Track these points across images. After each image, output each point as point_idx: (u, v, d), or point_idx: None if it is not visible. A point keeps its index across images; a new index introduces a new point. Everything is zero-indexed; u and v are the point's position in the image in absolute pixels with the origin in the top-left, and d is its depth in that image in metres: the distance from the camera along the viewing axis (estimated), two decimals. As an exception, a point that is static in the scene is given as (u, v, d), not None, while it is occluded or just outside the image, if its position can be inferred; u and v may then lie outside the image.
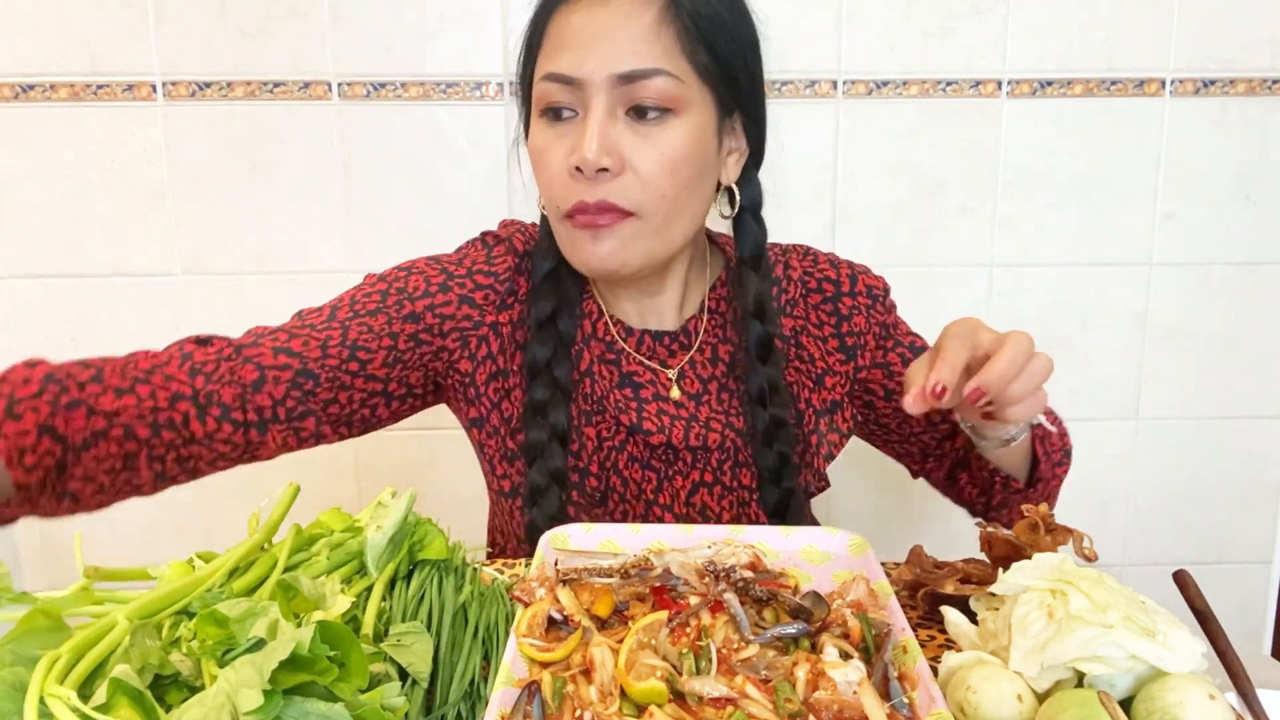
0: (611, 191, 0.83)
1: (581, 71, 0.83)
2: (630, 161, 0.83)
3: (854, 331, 1.00)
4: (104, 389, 0.72)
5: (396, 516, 0.76)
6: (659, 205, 0.85)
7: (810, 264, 1.01)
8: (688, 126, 0.85)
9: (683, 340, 0.98)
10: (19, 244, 1.53)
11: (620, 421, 0.94)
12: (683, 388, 0.97)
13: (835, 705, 0.57)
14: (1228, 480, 1.68)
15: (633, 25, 0.82)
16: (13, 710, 0.54)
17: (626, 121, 0.84)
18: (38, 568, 1.66)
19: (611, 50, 0.82)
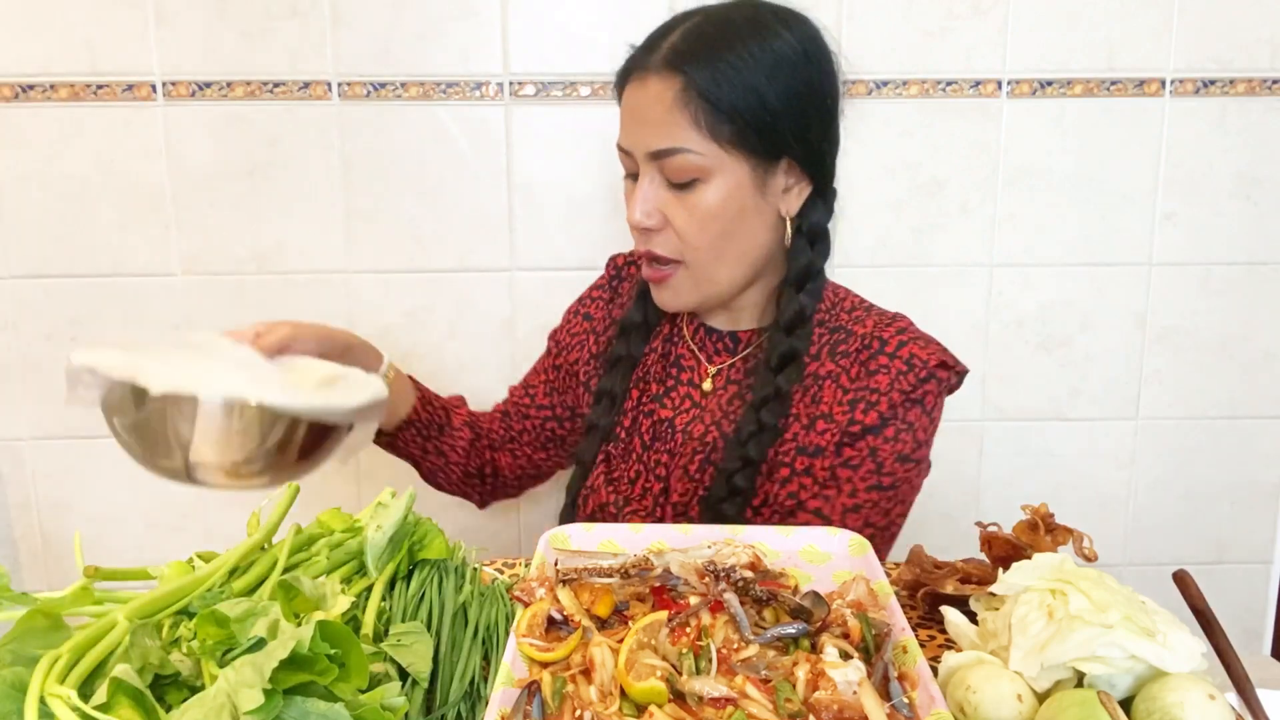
0: (655, 244, 0.98)
1: (630, 145, 0.97)
2: (670, 220, 0.96)
3: (871, 389, 0.97)
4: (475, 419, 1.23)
5: (396, 516, 0.76)
6: (697, 255, 0.97)
7: (882, 326, 1.01)
8: (717, 189, 0.95)
9: (728, 342, 1.07)
10: (19, 244, 1.53)
11: (651, 391, 1.09)
12: (714, 383, 1.07)
13: (835, 705, 0.57)
14: (1228, 480, 1.68)
15: (656, 107, 0.93)
16: (13, 710, 0.54)
17: (666, 186, 0.96)
18: (38, 568, 1.66)
19: (644, 129, 0.94)
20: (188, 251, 1.54)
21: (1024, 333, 1.62)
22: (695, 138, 0.93)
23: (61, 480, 1.62)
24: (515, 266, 1.57)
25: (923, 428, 0.99)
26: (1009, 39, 1.51)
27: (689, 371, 1.08)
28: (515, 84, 1.50)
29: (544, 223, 1.55)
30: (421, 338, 1.60)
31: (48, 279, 1.55)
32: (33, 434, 1.60)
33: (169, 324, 1.57)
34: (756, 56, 0.93)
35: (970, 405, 1.64)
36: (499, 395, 1.29)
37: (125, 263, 1.54)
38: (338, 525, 0.80)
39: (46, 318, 1.56)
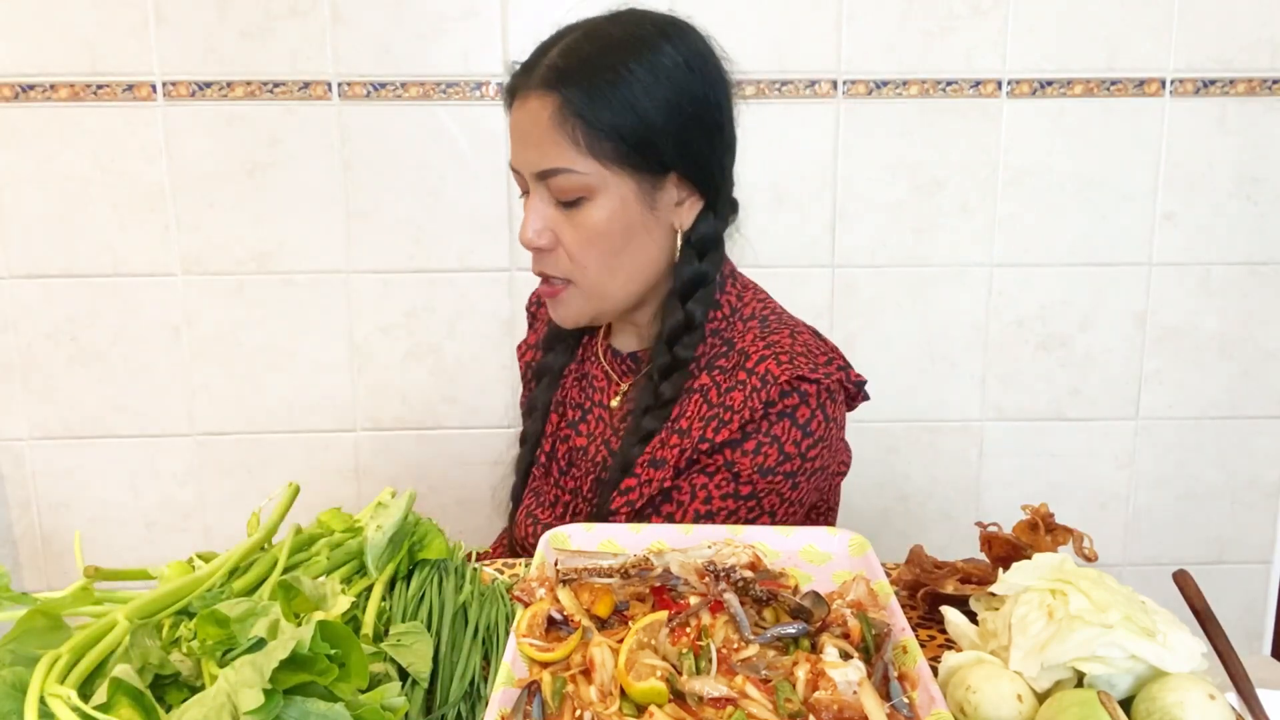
0: (546, 265, 0.97)
1: (517, 165, 0.96)
2: (560, 239, 0.95)
3: (726, 406, 0.94)
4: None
5: (396, 516, 0.76)
6: (585, 274, 0.97)
7: (754, 341, 0.98)
8: (602, 207, 0.94)
9: (629, 364, 1.07)
10: (19, 244, 1.53)
11: (567, 416, 1.10)
12: (621, 402, 1.07)
13: (835, 705, 0.57)
14: (1228, 480, 1.68)
15: (538, 127, 0.92)
16: (13, 710, 0.54)
17: (555, 205, 0.95)
18: (38, 568, 1.66)
19: (528, 150, 0.94)
20: (188, 251, 1.54)
21: (1024, 333, 1.62)
22: (576, 157, 0.91)
23: (61, 480, 1.62)
24: (515, 266, 1.57)
25: (793, 440, 0.93)
26: (1009, 39, 1.51)
27: (600, 393, 1.08)
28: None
29: (544, 223, 1.55)
30: (421, 338, 1.60)
31: (48, 279, 1.55)
32: (33, 434, 1.60)
33: (169, 324, 1.57)
34: (634, 72, 0.91)
35: (970, 405, 1.64)
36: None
37: (125, 263, 1.54)
38: (338, 525, 0.80)
39: (46, 318, 1.56)
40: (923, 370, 1.61)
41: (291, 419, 1.60)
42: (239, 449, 1.62)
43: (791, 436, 0.93)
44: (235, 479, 1.63)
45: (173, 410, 1.60)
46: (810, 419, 0.94)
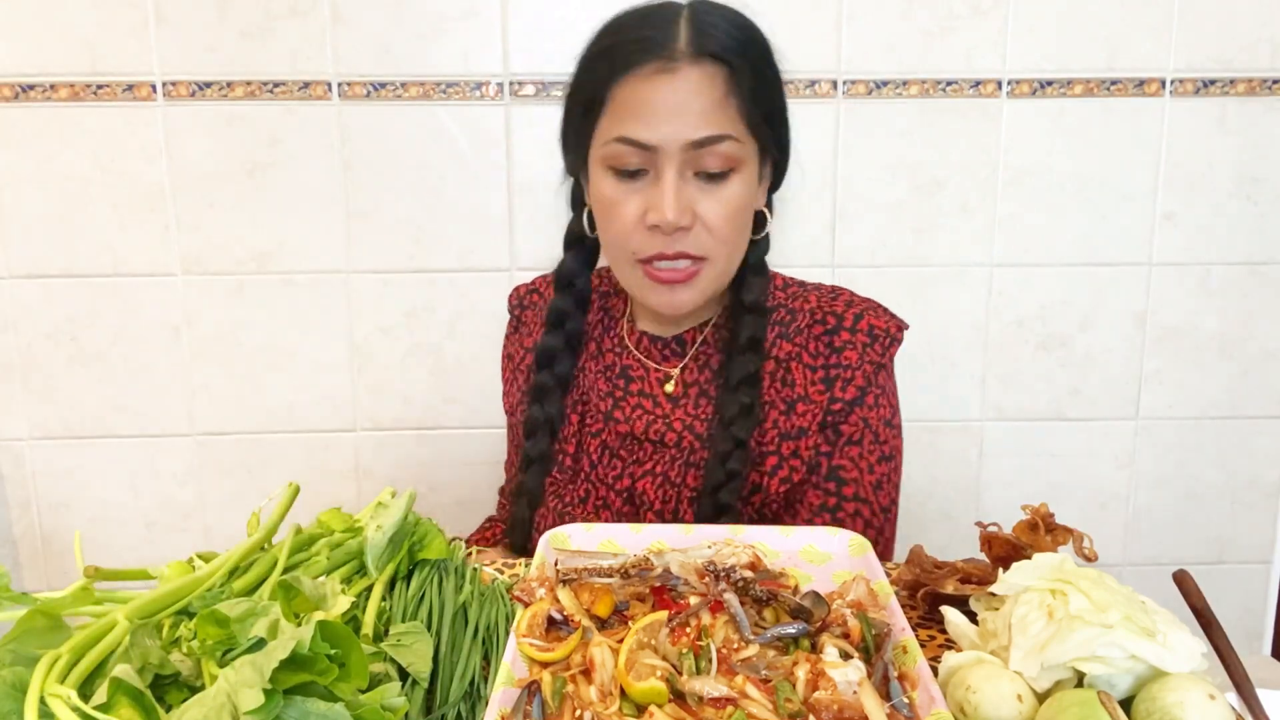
0: (687, 244, 0.94)
1: (655, 138, 0.91)
2: (700, 216, 0.93)
3: (842, 365, 1.00)
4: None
5: (396, 516, 0.76)
6: (722, 251, 0.96)
7: (827, 301, 1.04)
8: (744, 180, 0.95)
9: (674, 347, 1.06)
10: (19, 244, 1.53)
11: (600, 408, 1.06)
12: (676, 387, 1.05)
13: (835, 705, 0.57)
14: (1228, 480, 1.68)
15: (703, 97, 0.91)
16: (13, 710, 0.54)
17: (694, 181, 0.93)
18: (38, 568, 1.66)
19: (684, 120, 0.91)
20: (188, 251, 1.54)
21: (1024, 333, 1.62)
22: (739, 124, 0.93)
23: (61, 480, 1.62)
24: (515, 266, 1.57)
25: (893, 391, 1.03)
26: (1009, 39, 1.51)
27: (639, 381, 1.06)
28: (515, 84, 1.50)
29: (544, 223, 1.55)
30: (422, 338, 1.60)
31: (48, 279, 1.55)
32: (33, 434, 1.60)
33: (169, 324, 1.57)
34: (763, 45, 0.96)
35: (970, 405, 1.64)
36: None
37: (125, 263, 1.54)
38: (338, 525, 0.80)
39: (46, 318, 1.56)
40: (923, 370, 1.61)
41: (291, 419, 1.60)
42: (239, 449, 1.62)
43: (891, 388, 1.03)
44: (235, 479, 1.63)
45: (173, 410, 1.60)
46: (893, 370, 1.04)
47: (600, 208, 0.98)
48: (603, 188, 0.96)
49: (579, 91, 0.98)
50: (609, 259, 1.02)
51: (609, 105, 0.94)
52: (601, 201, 0.97)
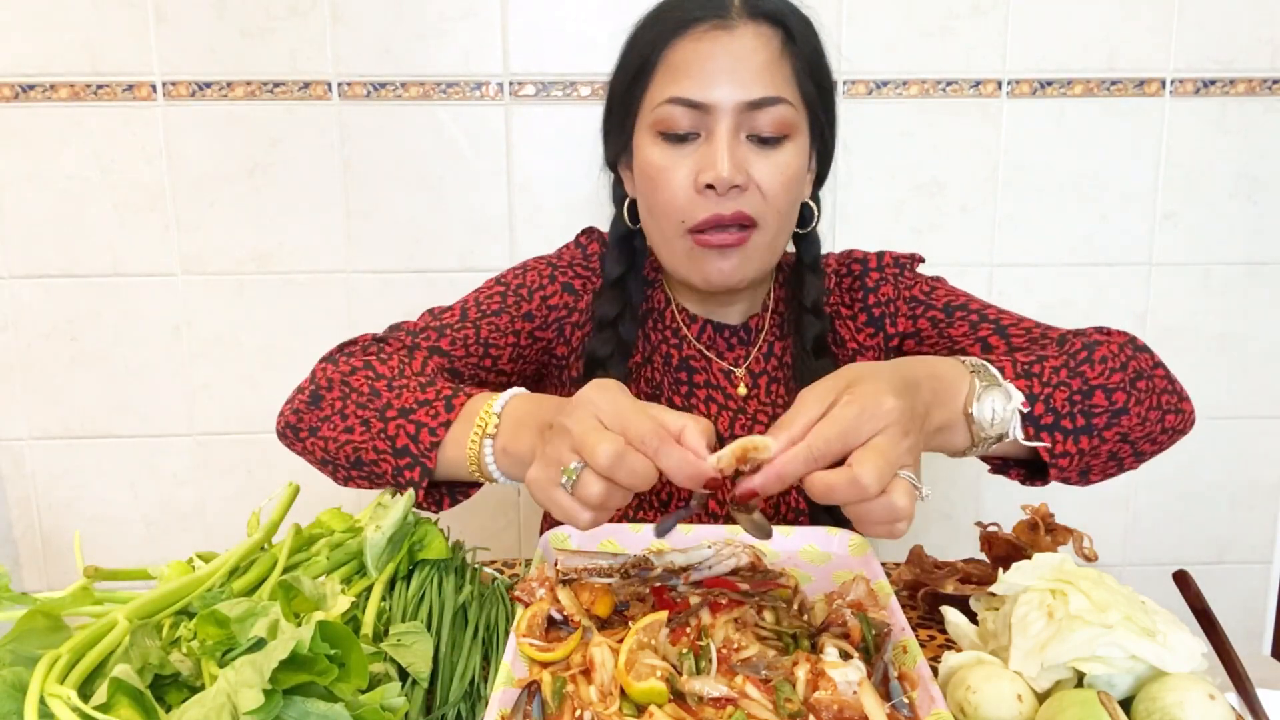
0: (743, 204, 0.91)
1: (710, 97, 0.89)
2: (755, 179, 0.91)
3: (881, 302, 1.02)
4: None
5: (395, 516, 0.76)
6: (775, 219, 0.93)
7: (845, 256, 1.07)
8: (797, 149, 0.93)
9: (742, 335, 1.04)
10: (19, 244, 1.53)
11: (673, 403, 1.01)
12: (746, 383, 1.03)
13: (835, 705, 0.57)
14: (1228, 480, 1.68)
15: (758, 55, 0.89)
16: (13, 710, 0.54)
17: (748, 144, 0.91)
18: (38, 568, 1.66)
19: (739, 79, 0.89)
20: (188, 251, 1.54)
21: (1024, 333, 1.62)
22: (794, 90, 0.91)
23: (61, 480, 1.62)
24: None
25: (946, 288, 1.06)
26: (1009, 39, 1.51)
27: (703, 373, 1.03)
28: (515, 84, 1.50)
29: (544, 223, 1.55)
30: (421, 338, 1.60)
31: (48, 279, 1.55)
32: (33, 434, 1.60)
33: (169, 324, 1.57)
34: (815, 30, 0.96)
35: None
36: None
37: (125, 263, 1.54)
38: (337, 525, 0.80)
39: (46, 318, 1.56)
40: (923, 370, 1.61)
41: (291, 419, 1.60)
42: (239, 449, 1.62)
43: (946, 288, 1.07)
44: (235, 479, 1.63)
45: (173, 410, 1.60)
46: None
47: (647, 178, 0.94)
48: (651, 155, 0.93)
49: (626, 63, 0.96)
50: (654, 237, 0.98)
51: (660, 68, 0.92)
52: (649, 170, 0.93)
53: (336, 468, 0.86)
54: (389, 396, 0.84)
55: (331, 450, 0.84)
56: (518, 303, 1.01)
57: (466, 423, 0.78)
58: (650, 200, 0.95)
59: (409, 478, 0.79)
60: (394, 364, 0.90)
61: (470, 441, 0.77)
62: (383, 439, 0.81)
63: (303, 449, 0.88)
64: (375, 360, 0.90)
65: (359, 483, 0.86)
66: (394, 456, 0.80)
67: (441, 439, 0.78)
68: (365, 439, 0.82)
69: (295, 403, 0.89)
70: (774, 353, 1.04)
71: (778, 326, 1.05)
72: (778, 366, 1.03)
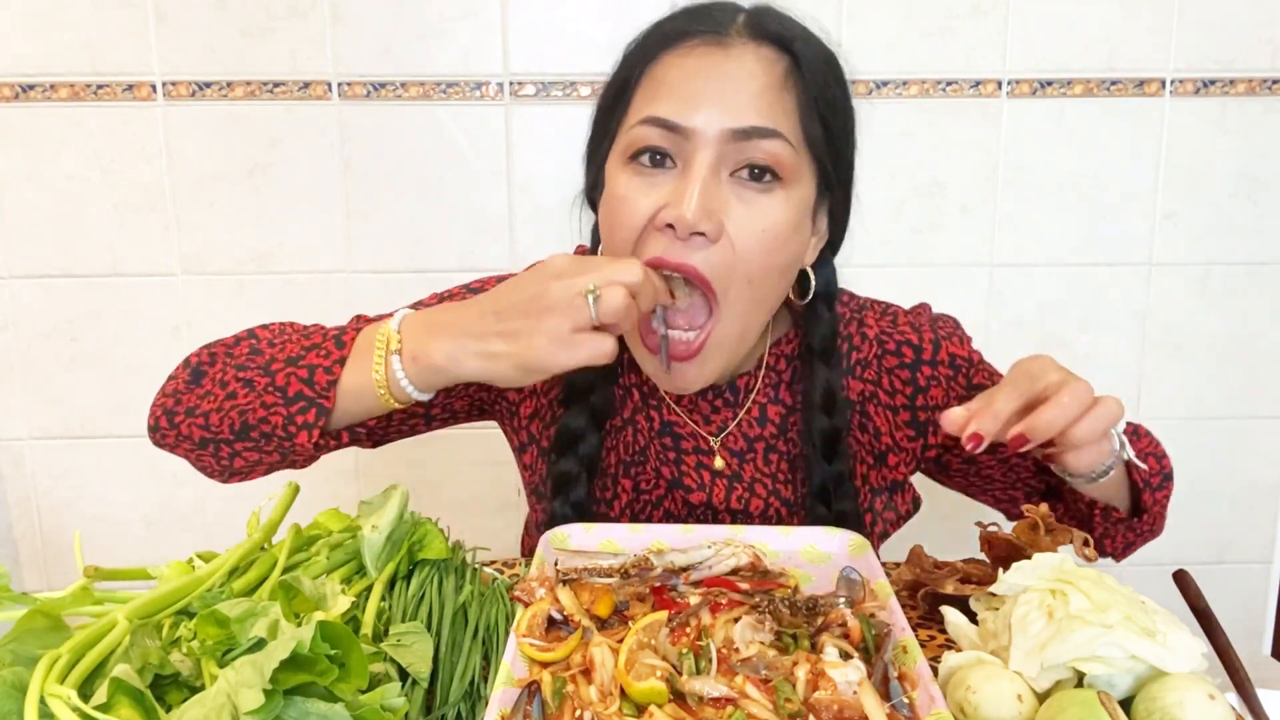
0: (702, 260, 0.75)
1: (691, 120, 0.74)
2: (728, 230, 0.75)
3: (929, 406, 0.90)
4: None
5: (391, 515, 0.76)
6: (743, 289, 0.77)
7: (889, 324, 0.92)
8: (791, 200, 0.77)
9: (728, 397, 0.90)
10: (19, 244, 1.53)
11: (661, 474, 0.91)
12: (728, 448, 0.90)
13: (835, 705, 0.57)
14: (1228, 480, 1.68)
15: (756, 79, 0.75)
16: (13, 710, 0.54)
17: (730, 183, 0.76)
18: (38, 568, 1.66)
19: (729, 102, 0.74)
20: (188, 251, 1.54)
21: (1024, 333, 1.62)
22: (795, 126, 0.77)
23: (61, 480, 1.62)
24: (515, 267, 1.57)
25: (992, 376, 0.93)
26: (1009, 39, 1.51)
27: (690, 439, 0.91)
28: (515, 84, 1.50)
29: (544, 223, 1.55)
30: (421, 338, 1.60)
31: (48, 279, 1.55)
32: (33, 434, 1.60)
33: (169, 324, 1.57)
34: (837, 62, 0.82)
35: (970, 405, 1.64)
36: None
37: (125, 263, 1.54)
38: (335, 525, 0.80)
39: (46, 318, 1.56)
40: (923, 370, 1.61)
41: (291, 419, 1.60)
42: (239, 449, 1.62)
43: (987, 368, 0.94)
44: (235, 479, 1.63)
45: (173, 410, 1.60)
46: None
47: (608, 210, 0.79)
48: (616, 184, 0.78)
49: (609, 84, 0.83)
50: None
51: (641, 86, 0.78)
52: (610, 201, 0.79)
53: (218, 445, 0.80)
54: (271, 353, 0.79)
55: (213, 424, 0.78)
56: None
57: (364, 353, 0.74)
58: (607, 237, 0.80)
59: (302, 421, 0.75)
60: (275, 329, 0.87)
61: (375, 365, 0.73)
62: (270, 392, 0.76)
63: (176, 437, 0.83)
64: (257, 329, 0.88)
65: (242, 457, 0.80)
66: (285, 405, 0.75)
67: (338, 376, 0.75)
68: (250, 399, 0.77)
69: (171, 389, 0.85)
70: (767, 417, 0.90)
71: (771, 386, 0.91)
72: (775, 433, 0.90)
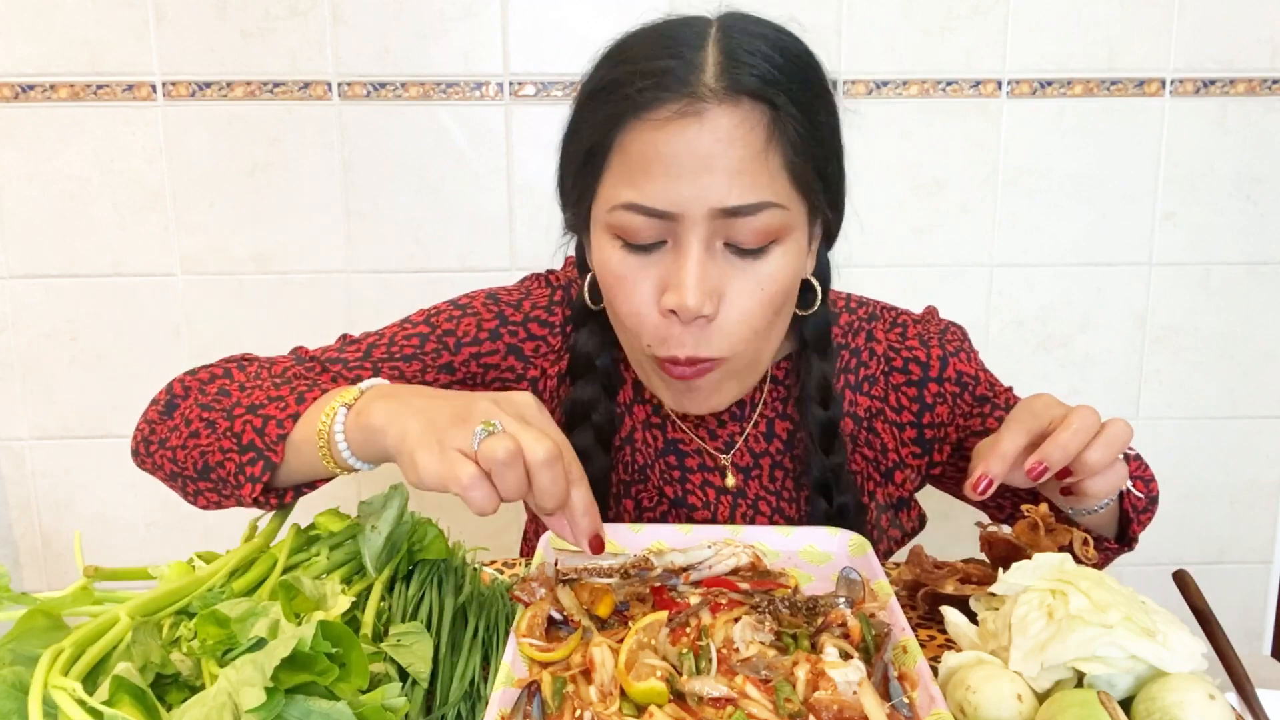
0: (703, 343, 0.76)
1: (675, 205, 0.72)
2: (727, 300, 0.75)
3: (935, 424, 0.91)
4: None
5: (391, 515, 0.76)
6: (751, 343, 0.78)
7: (897, 338, 0.92)
8: (789, 252, 0.77)
9: (734, 411, 0.91)
10: (19, 244, 1.53)
11: (664, 493, 0.91)
12: (734, 465, 0.90)
13: (835, 705, 0.57)
14: (1228, 480, 1.68)
15: (737, 151, 0.72)
16: (13, 709, 0.54)
17: (725, 254, 0.75)
18: (38, 568, 1.66)
19: (712, 181, 0.72)
20: (188, 251, 1.54)
21: (1024, 333, 1.62)
22: (781, 189, 0.74)
23: (61, 480, 1.62)
24: (515, 266, 1.57)
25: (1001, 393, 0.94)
26: (1009, 39, 1.51)
27: (695, 457, 0.91)
28: (515, 84, 1.50)
29: (544, 223, 1.55)
30: (421, 338, 1.60)
31: (48, 279, 1.55)
32: (33, 434, 1.60)
33: (169, 324, 1.57)
34: (815, 74, 0.78)
35: (970, 405, 1.64)
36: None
37: (125, 263, 1.54)
38: (335, 525, 0.80)
39: (46, 318, 1.56)
40: (923, 370, 1.61)
41: (291, 419, 1.60)
42: (239, 449, 1.62)
43: (1001, 394, 0.95)
44: (235, 479, 1.63)
45: (173, 410, 1.60)
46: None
47: (607, 282, 0.79)
48: (609, 261, 0.77)
49: (577, 134, 0.79)
50: (620, 338, 0.85)
51: (614, 157, 0.75)
52: (608, 275, 0.78)
53: (185, 480, 0.80)
54: (239, 396, 0.78)
55: (179, 460, 0.79)
56: (437, 351, 0.89)
57: (319, 407, 0.71)
58: (612, 306, 0.81)
59: (250, 473, 0.73)
60: (253, 369, 0.84)
61: (323, 417, 0.70)
62: (228, 437, 0.75)
63: (152, 465, 0.83)
64: (235, 367, 0.85)
65: (208, 496, 0.80)
66: (238, 454, 0.74)
67: (289, 431, 0.72)
68: (211, 440, 0.76)
69: (148, 415, 0.84)
70: (774, 432, 0.91)
71: (778, 400, 0.92)
72: (781, 450, 0.91)
